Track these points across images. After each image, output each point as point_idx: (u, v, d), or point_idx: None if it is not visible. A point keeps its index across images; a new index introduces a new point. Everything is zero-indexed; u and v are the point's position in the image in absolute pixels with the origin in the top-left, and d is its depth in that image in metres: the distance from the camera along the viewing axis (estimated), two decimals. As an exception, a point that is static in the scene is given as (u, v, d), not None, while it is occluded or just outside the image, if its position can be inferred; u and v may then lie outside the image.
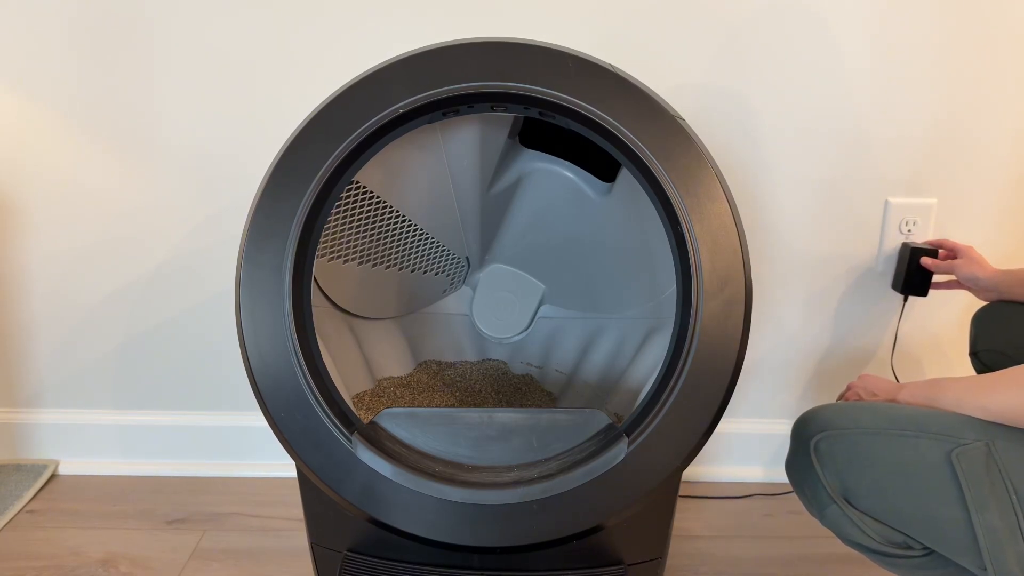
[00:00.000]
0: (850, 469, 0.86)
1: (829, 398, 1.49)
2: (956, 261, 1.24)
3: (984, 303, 1.21)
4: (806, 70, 1.28)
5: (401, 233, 1.14)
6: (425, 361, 1.26)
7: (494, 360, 1.28)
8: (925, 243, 1.33)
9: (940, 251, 1.30)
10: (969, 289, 1.22)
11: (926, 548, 0.85)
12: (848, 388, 1.06)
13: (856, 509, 0.87)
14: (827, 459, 0.88)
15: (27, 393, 1.46)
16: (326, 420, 0.80)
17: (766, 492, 1.45)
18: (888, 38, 1.26)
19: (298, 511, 0.92)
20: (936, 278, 1.30)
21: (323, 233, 0.85)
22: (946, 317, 1.43)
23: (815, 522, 0.93)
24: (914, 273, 1.31)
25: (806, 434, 0.91)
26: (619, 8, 1.24)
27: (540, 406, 1.19)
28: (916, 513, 0.83)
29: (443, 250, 1.21)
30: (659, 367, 0.83)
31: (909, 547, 0.85)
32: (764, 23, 1.25)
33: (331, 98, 0.84)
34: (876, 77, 1.28)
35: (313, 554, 0.94)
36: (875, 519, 0.86)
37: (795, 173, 1.33)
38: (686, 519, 1.37)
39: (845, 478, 0.87)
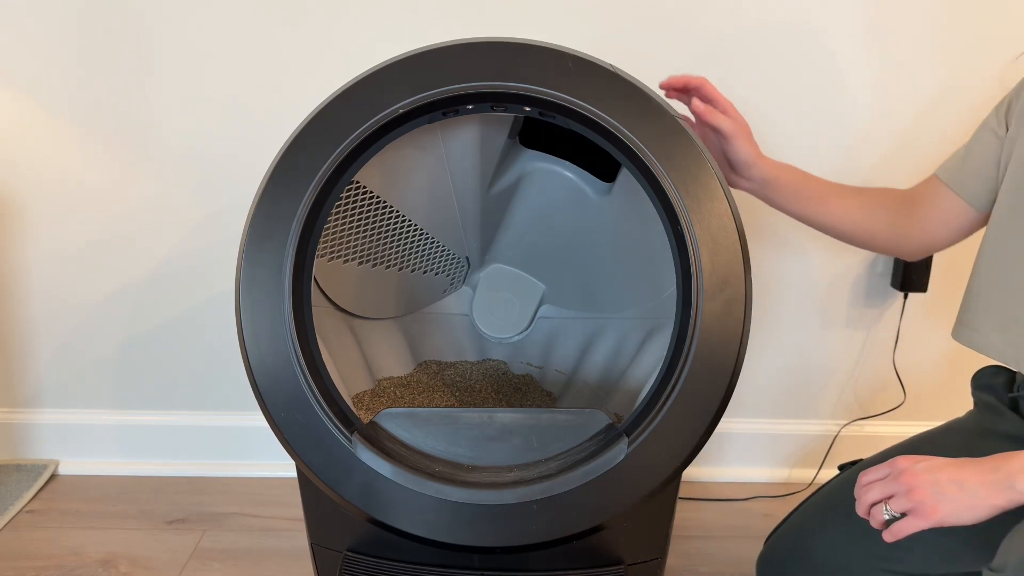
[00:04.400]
0: None
1: (829, 396, 1.49)
2: (724, 119, 0.92)
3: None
4: (807, 70, 1.28)
5: (401, 233, 1.14)
6: (425, 361, 1.26)
7: (494, 360, 1.28)
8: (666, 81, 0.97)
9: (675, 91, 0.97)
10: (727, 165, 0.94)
11: None
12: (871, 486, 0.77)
13: None
14: None
15: (27, 393, 1.46)
16: (326, 420, 0.80)
17: (766, 493, 1.45)
18: (889, 40, 1.26)
19: (298, 511, 0.92)
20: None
21: (323, 233, 0.85)
22: (940, 318, 1.43)
23: (815, 522, 0.93)
24: (911, 270, 1.31)
25: None
26: (619, 4, 1.24)
27: (540, 406, 1.19)
28: None
29: (443, 250, 1.21)
30: (659, 367, 0.83)
31: None
32: (766, 23, 1.25)
33: (331, 98, 0.84)
34: (877, 77, 1.28)
35: (313, 554, 0.94)
36: None
37: (795, 173, 1.33)
38: (686, 519, 1.37)
39: None
